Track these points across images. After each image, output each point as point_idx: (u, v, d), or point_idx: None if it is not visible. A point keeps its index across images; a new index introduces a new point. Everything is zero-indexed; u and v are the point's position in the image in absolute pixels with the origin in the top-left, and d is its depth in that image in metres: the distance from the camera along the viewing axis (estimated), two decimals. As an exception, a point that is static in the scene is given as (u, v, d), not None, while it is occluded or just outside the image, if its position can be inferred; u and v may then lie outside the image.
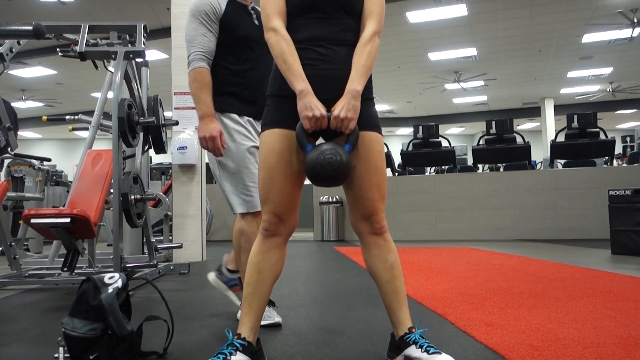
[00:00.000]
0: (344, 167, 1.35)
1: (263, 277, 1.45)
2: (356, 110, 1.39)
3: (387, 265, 1.48)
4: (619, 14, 9.27)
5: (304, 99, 1.38)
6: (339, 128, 1.39)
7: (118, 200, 2.84)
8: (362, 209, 1.48)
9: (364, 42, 1.45)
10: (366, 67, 1.42)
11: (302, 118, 1.38)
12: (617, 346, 1.59)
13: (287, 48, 1.41)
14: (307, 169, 1.37)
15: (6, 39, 3.15)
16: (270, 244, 1.47)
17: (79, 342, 1.50)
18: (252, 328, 1.43)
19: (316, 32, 1.44)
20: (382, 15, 1.49)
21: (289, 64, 1.40)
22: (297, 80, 1.39)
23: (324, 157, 1.33)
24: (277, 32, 1.43)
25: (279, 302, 2.56)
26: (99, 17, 8.84)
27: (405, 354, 1.43)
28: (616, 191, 4.58)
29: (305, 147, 1.39)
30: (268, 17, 1.45)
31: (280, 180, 1.44)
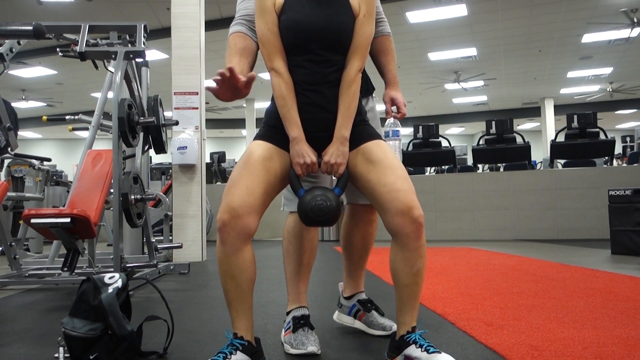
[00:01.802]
0: (333, 212, 1.42)
1: (237, 282, 1.42)
2: (345, 155, 1.46)
3: (414, 271, 1.43)
4: (619, 14, 9.27)
5: (297, 146, 1.45)
6: (329, 173, 1.47)
7: (118, 200, 2.84)
8: (396, 203, 1.39)
9: (347, 83, 1.47)
10: (351, 110, 1.47)
11: (294, 164, 1.46)
12: (617, 346, 1.59)
13: (287, 93, 1.45)
14: (300, 212, 1.44)
15: (6, 39, 3.15)
16: (229, 248, 1.39)
17: (79, 342, 1.50)
18: (247, 328, 1.44)
19: (308, 76, 1.46)
20: (367, 50, 1.51)
21: (287, 109, 1.45)
22: (292, 128, 1.45)
23: (315, 203, 1.41)
24: (278, 73, 1.46)
25: (279, 301, 2.56)
26: (99, 17, 8.84)
27: (405, 354, 1.43)
28: (616, 191, 4.58)
29: (298, 191, 1.47)
30: (269, 56, 1.47)
31: (250, 178, 1.42)
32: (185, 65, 4.84)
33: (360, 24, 1.47)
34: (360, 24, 1.47)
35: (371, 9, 1.49)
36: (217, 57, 11.41)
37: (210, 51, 10.21)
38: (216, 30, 9.29)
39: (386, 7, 1.51)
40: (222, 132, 20.92)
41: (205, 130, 4.96)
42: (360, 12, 1.47)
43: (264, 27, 1.47)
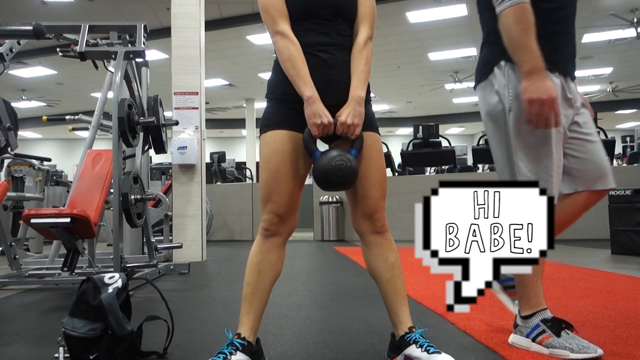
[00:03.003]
0: (354, 172, 1.39)
1: (263, 277, 1.45)
2: (361, 116, 1.43)
3: (388, 265, 1.48)
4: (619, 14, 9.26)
5: (312, 106, 1.40)
6: (345, 134, 1.43)
7: (118, 200, 2.84)
8: (364, 207, 1.48)
9: (359, 48, 1.47)
10: (365, 73, 1.46)
11: (310, 125, 1.41)
12: (617, 346, 1.59)
13: (297, 53, 1.42)
14: (318, 175, 1.40)
15: (6, 39, 3.15)
16: (270, 244, 1.46)
17: (79, 342, 1.50)
18: (252, 328, 1.43)
19: (317, 38, 1.45)
20: (374, 19, 1.51)
21: (297, 69, 1.41)
22: (306, 87, 1.40)
23: (335, 163, 1.37)
24: (285, 35, 1.43)
25: (279, 302, 2.56)
26: (99, 17, 8.83)
27: (405, 354, 1.43)
28: (616, 191, 4.57)
29: (313, 153, 1.42)
30: (274, 19, 1.45)
31: (284, 181, 1.44)
32: (185, 65, 4.84)
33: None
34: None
35: None
36: (217, 57, 11.42)
37: (210, 51, 10.23)
38: (216, 30, 9.29)
39: (386, 7, 1.52)
40: (222, 132, 20.91)
41: (205, 130, 4.96)
42: None
43: None
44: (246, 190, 8.02)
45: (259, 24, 9.28)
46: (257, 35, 10.03)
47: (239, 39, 10.31)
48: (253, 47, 10.81)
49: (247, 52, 11.18)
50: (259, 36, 10.09)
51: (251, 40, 10.39)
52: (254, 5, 8.65)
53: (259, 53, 11.12)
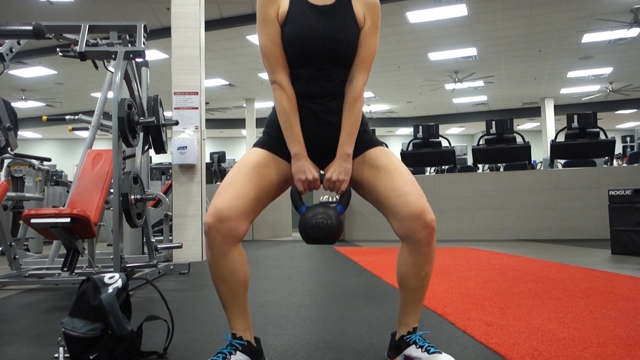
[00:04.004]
0: (334, 230, 1.40)
1: (230, 285, 1.39)
2: (347, 172, 1.44)
3: (421, 275, 1.41)
4: (619, 14, 9.26)
5: (298, 162, 1.42)
6: (331, 190, 1.44)
7: (118, 200, 2.84)
8: (407, 206, 1.36)
9: (353, 99, 1.44)
10: (355, 127, 1.45)
11: (296, 180, 1.43)
12: (617, 346, 1.59)
13: (289, 107, 1.42)
14: (301, 230, 1.42)
15: (6, 39, 3.15)
16: (217, 252, 1.36)
17: (79, 342, 1.50)
18: (246, 328, 1.43)
19: (311, 88, 1.44)
20: (371, 64, 1.48)
21: (289, 124, 1.42)
22: (294, 143, 1.43)
23: (315, 221, 1.39)
24: (280, 86, 1.43)
25: (279, 302, 2.56)
26: (99, 17, 8.84)
27: (405, 354, 1.43)
28: (616, 191, 4.58)
29: (299, 208, 1.44)
30: (271, 68, 1.45)
31: (241, 183, 1.40)
32: (185, 65, 4.84)
33: (366, 37, 1.45)
34: (365, 36, 1.45)
35: (376, 21, 1.47)
36: (217, 57, 11.43)
37: (210, 51, 10.24)
38: (216, 30, 9.30)
39: (386, 7, 1.51)
40: (222, 132, 20.92)
41: (205, 130, 4.96)
42: (365, 24, 1.45)
43: (266, 38, 1.44)
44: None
45: (259, 24, 9.27)
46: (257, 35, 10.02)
47: (239, 39, 10.31)
48: (253, 47, 10.81)
49: (247, 52, 11.18)
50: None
51: (251, 40, 10.39)
52: (254, 5, 8.60)
53: (259, 53, 11.04)
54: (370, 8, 1.47)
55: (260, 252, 5.44)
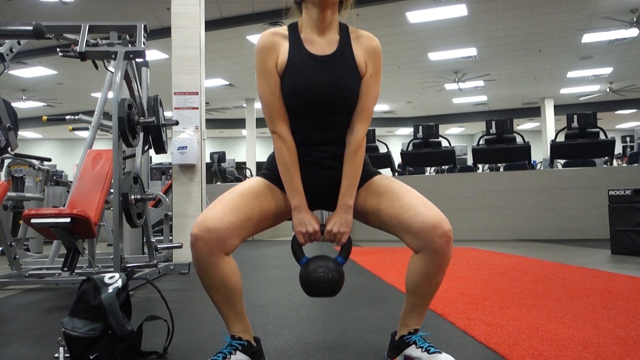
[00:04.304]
0: (336, 284, 1.38)
1: (222, 294, 1.37)
2: (348, 224, 1.42)
3: (433, 284, 1.39)
4: (619, 14, 9.26)
5: (299, 215, 1.41)
6: (332, 241, 1.43)
7: (118, 200, 2.84)
8: (421, 217, 1.34)
9: (354, 149, 1.42)
10: (356, 178, 1.43)
11: (297, 233, 1.42)
12: (617, 346, 1.59)
13: (290, 158, 1.41)
14: (302, 282, 1.40)
15: (6, 39, 3.15)
16: (205, 264, 1.32)
17: (79, 342, 1.50)
18: (245, 330, 1.43)
19: (312, 139, 1.43)
20: (373, 109, 1.46)
21: (289, 176, 1.41)
22: (294, 196, 1.41)
23: (316, 275, 1.37)
24: (280, 136, 1.41)
25: (279, 302, 2.56)
26: (99, 17, 8.84)
27: (405, 354, 1.43)
28: (616, 191, 4.58)
29: (300, 259, 1.43)
30: (271, 119, 1.42)
31: (235, 200, 1.37)
32: (185, 65, 4.84)
33: (367, 85, 1.43)
34: (366, 84, 1.42)
35: (378, 68, 1.44)
36: (217, 57, 11.43)
37: (210, 51, 10.24)
38: (216, 30, 9.30)
39: (386, 7, 1.50)
40: (222, 132, 20.93)
41: (205, 130, 4.96)
42: (367, 71, 1.43)
43: (266, 89, 1.41)
44: (246, 190, 8.01)
45: (259, 24, 9.28)
46: (257, 35, 10.02)
47: (239, 39, 10.31)
48: (253, 47, 10.76)
49: (247, 52, 11.18)
50: (259, 36, 10.07)
51: (251, 40, 10.39)
52: (254, 5, 8.65)
53: (259, 53, 11.11)
54: (372, 55, 1.44)
55: (260, 252, 5.44)
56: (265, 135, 19.60)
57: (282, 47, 1.42)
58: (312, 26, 1.42)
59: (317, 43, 1.42)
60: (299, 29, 1.45)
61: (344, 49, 1.42)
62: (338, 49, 1.42)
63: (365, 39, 1.45)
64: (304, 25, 1.44)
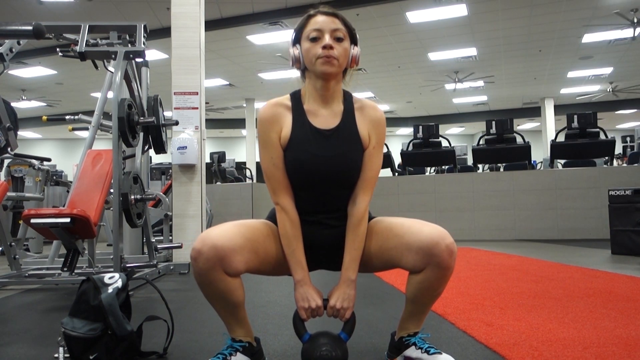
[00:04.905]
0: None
1: (223, 305, 1.37)
2: (351, 299, 1.41)
3: (434, 295, 1.37)
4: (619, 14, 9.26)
5: (301, 289, 1.40)
6: (335, 317, 1.41)
7: (118, 200, 2.84)
8: (419, 235, 1.31)
9: (356, 222, 1.40)
10: (359, 251, 1.41)
11: (299, 308, 1.41)
12: (617, 346, 1.59)
13: (293, 232, 1.39)
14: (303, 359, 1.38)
15: (6, 39, 3.15)
16: (206, 279, 1.31)
17: (79, 342, 1.50)
18: (246, 333, 1.43)
19: (315, 208, 1.43)
20: (375, 181, 1.45)
21: (292, 250, 1.40)
22: (297, 269, 1.40)
23: (319, 354, 1.34)
24: (283, 209, 1.40)
25: (279, 302, 2.56)
26: (99, 17, 8.83)
27: (405, 355, 1.43)
28: (616, 191, 4.58)
29: (302, 336, 1.41)
30: (274, 191, 1.41)
31: (241, 228, 1.34)
32: (185, 65, 4.84)
33: (370, 156, 1.42)
34: (369, 155, 1.42)
35: (381, 138, 1.44)
36: (217, 57, 11.42)
37: (210, 51, 10.23)
38: (216, 30, 9.29)
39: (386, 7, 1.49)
40: (222, 132, 20.92)
41: (205, 130, 4.96)
42: (370, 143, 1.42)
43: (268, 161, 1.40)
44: (246, 191, 8.02)
45: (259, 24, 9.28)
46: (257, 35, 10.03)
47: (239, 39, 10.31)
48: (253, 47, 10.80)
49: (247, 52, 11.18)
50: (259, 36, 10.09)
51: (251, 40, 10.39)
52: (254, 5, 8.65)
53: (259, 53, 11.12)
54: (376, 126, 1.43)
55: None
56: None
57: (286, 119, 1.41)
58: (316, 96, 1.41)
59: (321, 115, 1.41)
60: (302, 98, 1.44)
61: (348, 122, 1.41)
62: (342, 121, 1.41)
63: (369, 109, 1.44)
64: (307, 95, 1.43)
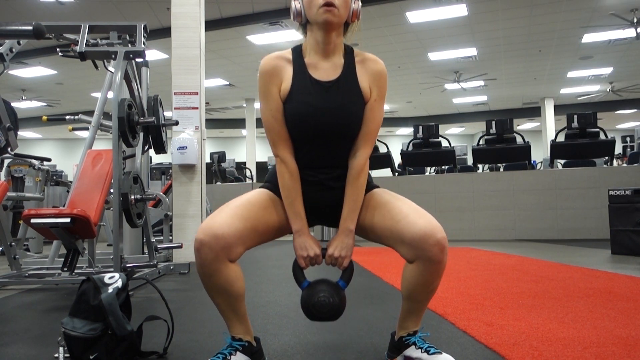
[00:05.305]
0: (337, 308, 1.38)
1: (224, 298, 1.37)
2: (349, 248, 1.42)
3: (429, 290, 1.38)
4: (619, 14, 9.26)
5: (299, 239, 1.41)
6: (333, 265, 1.42)
7: (118, 200, 2.84)
8: (412, 227, 1.31)
9: (357, 173, 1.41)
10: (358, 202, 1.42)
11: (298, 257, 1.42)
12: (617, 346, 1.59)
13: (292, 183, 1.41)
14: (303, 306, 1.40)
15: (6, 39, 3.15)
16: (208, 269, 1.31)
17: (79, 342, 1.50)
18: (246, 331, 1.43)
19: (315, 162, 1.43)
20: (376, 135, 1.45)
21: (290, 200, 1.41)
22: (295, 220, 1.41)
23: (317, 299, 1.36)
24: (283, 160, 1.41)
25: (279, 301, 2.56)
26: (99, 17, 8.84)
27: (405, 355, 1.43)
28: (616, 191, 4.58)
29: (301, 284, 1.43)
30: (274, 143, 1.42)
31: (240, 209, 1.36)
32: (185, 65, 4.84)
33: (371, 109, 1.42)
34: (371, 108, 1.42)
35: (383, 92, 1.43)
36: (217, 57, 11.42)
37: (210, 51, 10.24)
38: (216, 30, 9.29)
39: (386, 7, 1.49)
40: (222, 132, 20.92)
41: (205, 130, 4.96)
42: (371, 96, 1.42)
43: (268, 113, 1.42)
44: (246, 190, 8.00)
45: (259, 24, 9.29)
46: (257, 35, 10.03)
47: (239, 39, 10.31)
48: (253, 47, 10.81)
49: (247, 52, 11.18)
50: (259, 36, 10.09)
51: (251, 40, 10.39)
52: (254, 5, 8.65)
53: (259, 53, 11.12)
54: (377, 79, 1.43)
55: (260, 252, 5.44)
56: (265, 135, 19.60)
57: (286, 72, 1.41)
58: (317, 49, 1.41)
59: (321, 68, 1.41)
60: (303, 52, 1.44)
61: (348, 74, 1.41)
62: (342, 74, 1.41)
63: (370, 62, 1.44)
64: (308, 49, 1.43)
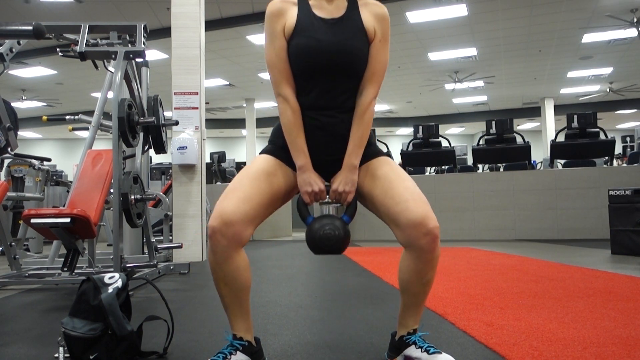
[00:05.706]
0: (342, 240, 1.40)
1: (232, 289, 1.38)
2: (354, 183, 1.43)
3: (424, 281, 1.39)
4: (619, 14, 9.26)
5: (304, 174, 1.42)
6: (337, 201, 1.44)
7: (118, 200, 2.84)
8: (408, 214, 1.33)
9: (362, 111, 1.44)
10: (363, 139, 1.44)
11: (302, 193, 1.44)
12: (617, 346, 1.59)
13: (294, 120, 1.42)
14: (308, 240, 1.42)
15: (6, 39, 3.15)
16: (219, 257, 1.34)
17: (79, 342, 1.50)
18: (247, 329, 1.43)
19: (320, 102, 1.43)
20: (383, 76, 1.47)
21: (293, 137, 1.42)
22: (299, 156, 1.43)
23: (323, 232, 1.38)
24: (285, 99, 1.43)
25: (279, 302, 2.56)
26: (99, 17, 8.84)
27: (405, 354, 1.43)
28: (616, 191, 4.58)
29: (306, 219, 1.45)
30: (276, 81, 1.44)
31: (248, 187, 1.38)
32: (185, 65, 4.84)
33: (376, 49, 1.44)
34: (375, 49, 1.44)
35: (386, 34, 1.46)
36: (217, 57, 11.42)
37: (210, 51, 10.24)
38: (216, 30, 9.29)
39: (386, 6, 1.48)
40: (222, 132, 20.92)
41: (205, 130, 4.96)
42: (375, 37, 1.44)
43: (272, 52, 1.43)
44: (246, 190, 8.01)
45: (259, 24, 9.28)
46: (257, 35, 10.03)
47: (239, 39, 10.31)
48: (253, 47, 10.81)
49: (247, 52, 11.18)
50: (259, 36, 10.09)
51: (251, 40, 10.39)
52: (254, 5, 8.65)
53: (259, 53, 11.12)
54: (380, 20, 1.45)
55: (260, 252, 5.44)
56: (265, 135, 19.60)
57: (291, 12, 1.45)
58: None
59: (325, 8, 1.45)
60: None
61: (352, 13, 1.45)
62: (346, 12, 1.45)
63: (373, 6, 1.48)
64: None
